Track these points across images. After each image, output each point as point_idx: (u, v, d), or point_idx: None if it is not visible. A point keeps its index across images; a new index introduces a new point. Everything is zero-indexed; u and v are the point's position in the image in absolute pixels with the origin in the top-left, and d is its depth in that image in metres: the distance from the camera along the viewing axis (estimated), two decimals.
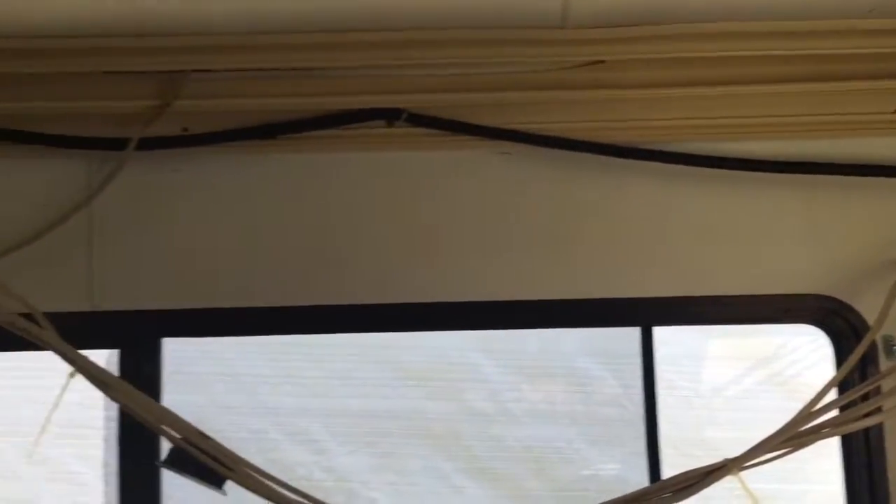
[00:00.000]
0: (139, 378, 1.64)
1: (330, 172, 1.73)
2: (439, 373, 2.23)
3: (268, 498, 1.40)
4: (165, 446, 1.48)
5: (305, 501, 1.40)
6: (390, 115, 1.68)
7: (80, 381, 1.90)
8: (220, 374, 2.29)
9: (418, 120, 1.68)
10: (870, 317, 1.64)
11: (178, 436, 1.41)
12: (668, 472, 1.71)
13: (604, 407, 2.17)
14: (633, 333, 1.83)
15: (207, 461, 1.40)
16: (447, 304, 1.75)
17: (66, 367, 2.35)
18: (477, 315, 1.78)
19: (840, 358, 1.72)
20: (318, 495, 1.41)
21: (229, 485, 1.44)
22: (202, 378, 2.27)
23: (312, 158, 1.73)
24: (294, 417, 2.30)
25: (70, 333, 1.52)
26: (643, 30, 1.58)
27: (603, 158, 1.71)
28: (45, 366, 2.67)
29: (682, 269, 1.73)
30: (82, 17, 1.51)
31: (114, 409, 1.76)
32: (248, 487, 1.40)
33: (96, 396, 2.30)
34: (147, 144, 1.65)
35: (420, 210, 1.75)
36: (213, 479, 1.41)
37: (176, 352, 1.83)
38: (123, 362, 1.70)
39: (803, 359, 2.29)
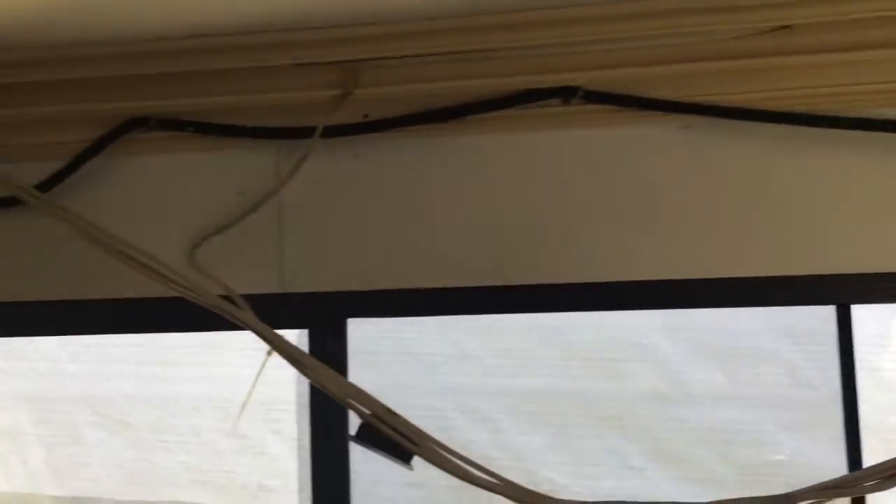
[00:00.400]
0: (326, 357, 1.72)
1: (506, 153, 1.75)
2: (616, 353, 2.20)
3: (453, 473, 1.44)
4: (354, 423, 1.56)
5: (490, 478, 1.43)
6: (566, 94, 1.68)
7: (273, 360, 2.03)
8: (399, 354, 2.36)
9: (594, 97, 1.67)
10: None
11: (367, 411, 1.48)
12: (867, 459, 1.62)
13: (793, 388, 2.07)
14: (820, 312, 1.74)
15: (395, 437, 1.46)
16: (627, 283, 1.73)
17: (260, 347, 2.52)
18: (659, 294, 1.76)
19: None
20: None
21: (415, 460, 1.49)
22: (382, 358, 2.36)
23: (488, 139, 1.75)
24: (471, 397, 2.35)
25: (263, 314, 1.63)
26: None
27: (789, 128, 1.63)
28: (238, 346, 2.87)
29: (877, 244, 1.63)
30: (268, 12, 1.60)
31: (305, 387, 1.86)
32: (433, 463, 1.45)
33: (287, 375, 2.46)
34: (330, 132, 1.73)
35: (597, 188, 1.73)
36: (401, 454, 1.47)
37: (357, 333, 1.91)
38: (312, 342, 1.79)
39: None
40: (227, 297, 1.65)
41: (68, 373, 3.14)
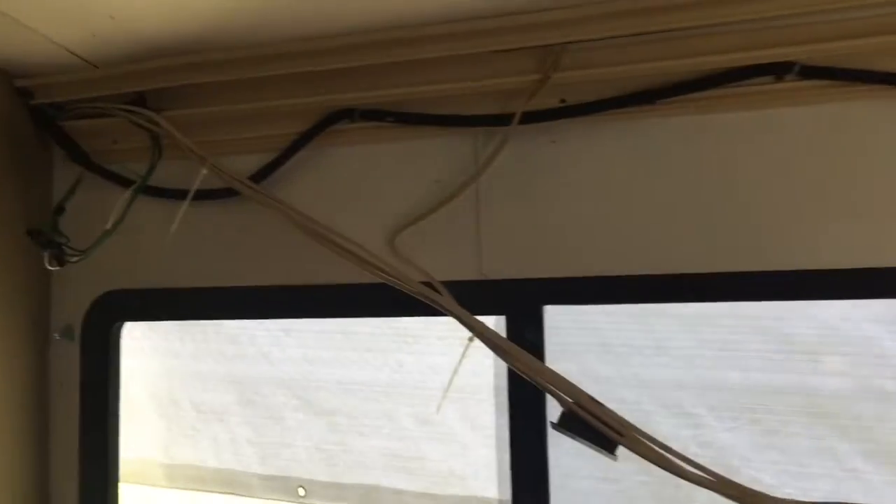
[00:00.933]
0: (524, 344, 1.71)
1: (711, 135, 1.68)
2: (830, 346, 2.08)
3: (659, 465, 1.40)
4: (552, 413, 1.56)
5: (701, 472, 1.38)
6: (780, 70, 1.59)
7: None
8: (591, 343, 2.35)
9: (812, 72, 1.57)
10: None
11: (569, 400, 1.47)
12: None
13: None
14: None
15: (599, 426, 1.44)
16: (837, 271, 1.62)
17: (451, 336, 2.57)
18: (876, 283, 1.63)
19: None
20: None
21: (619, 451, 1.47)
22: (573, 348, 2.35)
23: (692, 121, 1.69)
24: (668, 389, 2.29)
25: (461, 301, 1.66)
26: None
27: None
28: (429, 334, 2.95)
29: None
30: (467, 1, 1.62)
31: (502, 376, 1.88)
32: (639, 453, 1.42)
33: (480, 364, 2.49)
34: (528, 118, 1.73)
35: (811, 169, 1.63)
36: (605, 443, 1.45)
37: (549, 322, 1.91)
38: (510, 329, 1.80)
39: None
40: (427, 284, 1.70)
41: (273, 357, 3.35)
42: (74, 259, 1.92)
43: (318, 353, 3.28)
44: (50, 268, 1.93)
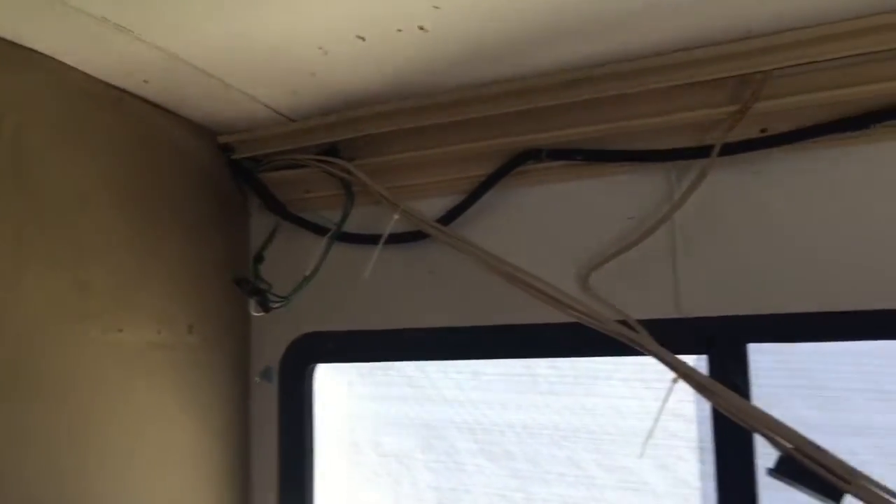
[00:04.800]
0: (727, 385, 1.68)
1: None
2: None
3: None
4: (763, 459, 1.51)
5: None
6: None
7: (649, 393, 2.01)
8: (798, 386, 2.25)
9: None
10: None
11: (788, 444, 1.43)
12: None
13: None
14: None
15: (821, 472, 1.39)
16: None
17: (637, 377, 2.53)
18: None
19: None
20: None
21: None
22: (778, 391, 2.25)
23: None
24: (887, 437, 2.16)
25: (658, 340, 1.65)
26: None
27: None
28: (614, 376, 2.91)
29: None
30: (662, 35, 1.64)
31: (703, 421, 1.84)
32: (869, 503, 1.35)
33: (676, 409, 2.44)
34: (727, 150, 1.71)
35: None
36: (829, 491, 1.39)
37: (754, 363, 1.85)
38: (712, 368, 1.77)
39: None
40: (623, 323, 1.70)
41: (452, 400, 3.41)
42: (277, 305, 2.05)
43: (497, 396, 3.31)
44: (255, 314, 2.08)
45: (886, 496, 1.34)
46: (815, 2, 1.50)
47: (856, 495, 1.37)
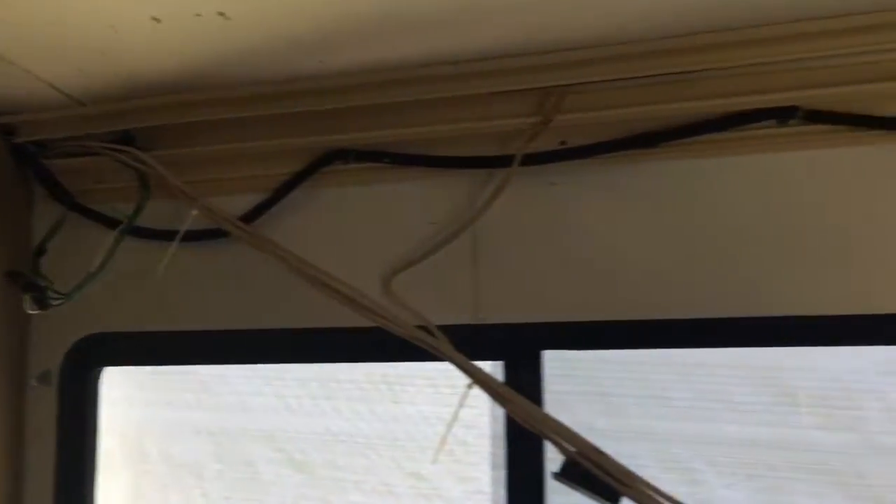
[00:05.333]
0: (521, 391, 1.72)
1: (713, 179, 1.73)
2: (835, 399, 2.09)
3: None
4: (553, 464, 1.57)
5: None
6: (783, 114, 1.64)
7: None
8: (586, 393, 2.35)
9: (815, 117, 1.63)
10: None
11: (572, 449, 1.48)
12: None
13: None
14: None
15: (603, 476, 1.45)
16: (836, 316, 1.66)
17: (435, 384, 2.56)
18: (873, 329, 1.67)
19: None
20: None
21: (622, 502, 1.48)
22: (568, 398, 2.35)
23: (693, 165, 1.73)
24: (666, 443, 2.29)
25: (457, 346, 1.68)
26: None
27: None
28: (413, 382, 2.94)
29: None
30: (468, 42, 1.66)
31: (498, 426, 1.88)
32: None
33: (469, 416, 2.48)
34: (527, 160, 1.76)
35: (817, 213, 1.67)
36: (608, 494, 1.46)
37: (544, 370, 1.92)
38: (508, 375, 1.82)
39: None
40: (423, 328, 1.71)
41: (251, 406, 3.32)
42: (57, 302, 1.91)
43: (297, 402, 3.26)
44: (30, 311, 1.93)
45: (660, 498, 1.42)
46: (616, 20, 1.56)
47: (632, 497, 1.44)
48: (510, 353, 1.83)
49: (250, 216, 1.94)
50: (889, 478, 2.05)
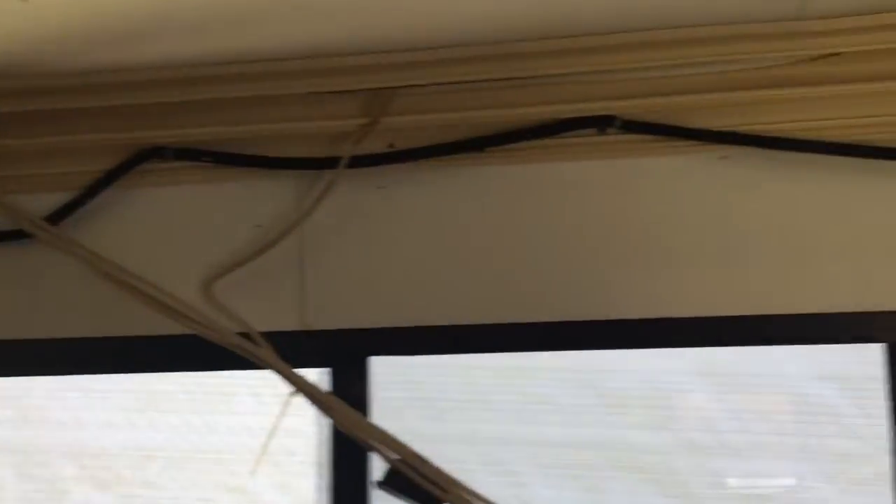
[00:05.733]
0: (348, 398, 1.70)
1: (537, 184, 1.77)
2: (649, 399, 2.18)
3: None
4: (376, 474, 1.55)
5: None
6: (602, 123, 1.70)
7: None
8: (414, 398, 2.34)
9: (632, 126, 1.69)
10: None
11: (395, 456, 1.47)
12: None
13: (840, 439, 2.05)
14: (870, 353, 1.74)
15: (423, 483, 1.45)
16: (659, 320, 1.73)
17: (257, 393, 2.49)
18: (692, 332, 1.76)
19: None
20: None
21: None
22: (395, 404, 2.34)
23: (519, 170, 1.77)
24: (491, 446, 2.32)
25: (282, 353, 1.64)
26: (885, 17, 1.53)
27: (836, 160, 1.65)
28: (235, 392, 2.85)
29: None
30: (290, 39, 1.62)
31: (325, 435, 1.84)
32: None
33: (294, 426, 2.43)
34: (355, 162, 1.74)
35: (633, 220, 1.75)
36: (430, 501, 1.46)
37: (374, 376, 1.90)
38: (335, 381, 1.78)
39: None
40: (245, 335, 1.65)
41: (57, 421, 3.12)
42: None
43: (108, 416, 3.09)
44: None
45: (477, 502, 1.43)
46: (442, 23, 1.57)
47: (451, 503, 1.44)
48: (336, 360, 1.80)
49: (56, 216, 1.81)
50: (699, 473, 2.17)
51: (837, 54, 1.60)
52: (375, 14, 1.52)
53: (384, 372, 2.12)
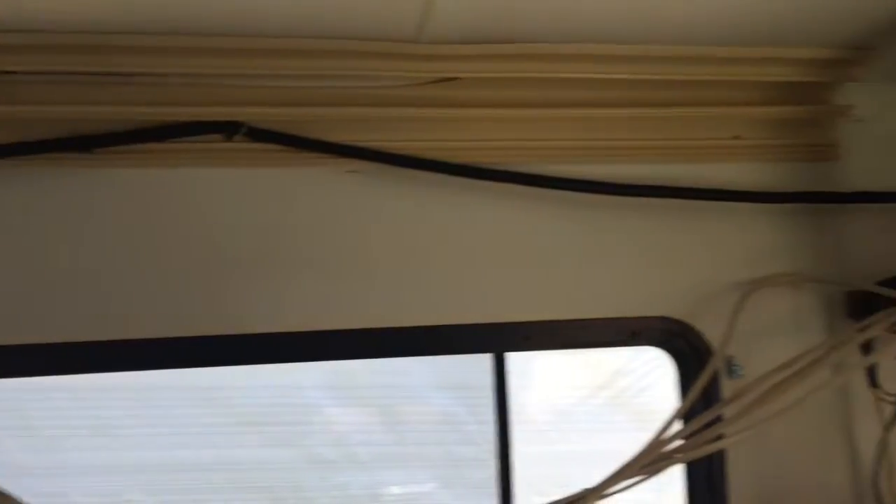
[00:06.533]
0: None
1: (157, 190, 1.65)
2: (278, 416, 2.15)
3: None
4: None
5: None
6: (228, 129, 1.63)
7: None
8: (11, 427, 2.09)
9: (259, 134, 1.64)
10: (714, 338, 1.74)
11: None
12: None
13: (458, 445, 2.15)
14: (484, 364, 1.84)
15: None
16: (284, 334, 1.69)
17: None
18: (318, 346, 1.74)
19: (685, 380, 1.80)
20: None
21: None
22: None
23: (136, 174, 1.64)
24: (106, 476, 2.14)
25: None
26: (500, 48, 1.62)
27: (453, 179, 1.73)
28: None
29: (531, 293, 1.76)
30: None
31: None
32: None
33: None
34: None
35: (259, 232, 1.69)
36: None
37: None
38: None
39: (647, 379, 2.36)
40: None
41: None
42: None
43: None
44: None
45: None
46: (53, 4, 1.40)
47: None
48: None
49: None
50: (323, 488, 2.16)
51: (455, 79, 1.67)
52: None
53: None
